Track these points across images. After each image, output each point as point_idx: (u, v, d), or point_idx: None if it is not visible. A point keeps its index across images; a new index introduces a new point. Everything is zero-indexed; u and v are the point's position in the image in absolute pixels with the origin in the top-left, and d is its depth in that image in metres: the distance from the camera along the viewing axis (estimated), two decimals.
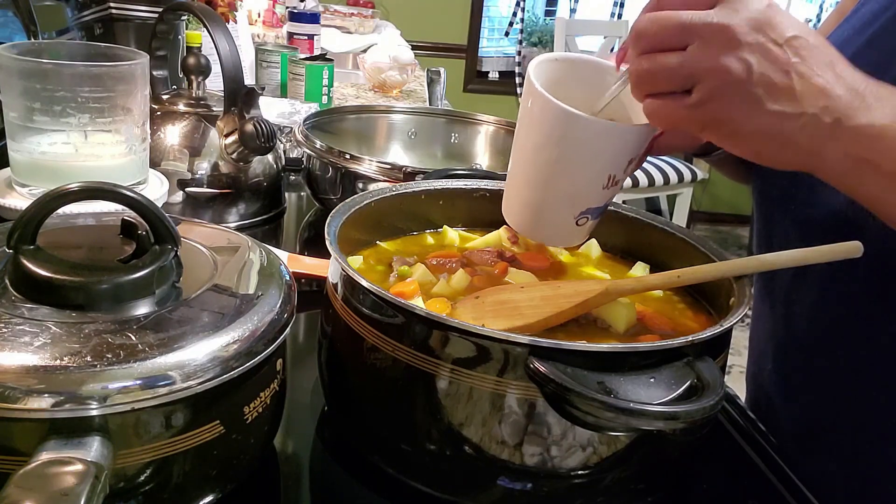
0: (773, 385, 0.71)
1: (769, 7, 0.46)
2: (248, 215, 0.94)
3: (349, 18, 2.68)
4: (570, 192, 0.56)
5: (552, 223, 0.59)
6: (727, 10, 0.46)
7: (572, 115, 0.52)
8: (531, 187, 0.57)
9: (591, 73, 0.58)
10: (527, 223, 0.60)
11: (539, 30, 4.23)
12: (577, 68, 0.58)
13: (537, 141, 0.55)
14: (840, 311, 0.63)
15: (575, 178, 0.55)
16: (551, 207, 0.57)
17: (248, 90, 0.88)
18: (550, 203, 0.57)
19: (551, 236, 0.61)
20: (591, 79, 0.58)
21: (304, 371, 0.64)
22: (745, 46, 0.45)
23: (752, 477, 0.59)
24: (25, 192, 0.72)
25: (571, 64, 0.58)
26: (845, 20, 0.68)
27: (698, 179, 3.36)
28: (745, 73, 0.45)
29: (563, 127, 0.53)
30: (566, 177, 0.55)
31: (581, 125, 0.52)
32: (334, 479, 0.54)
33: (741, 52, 0.45)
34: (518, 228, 0.61)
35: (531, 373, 0.43)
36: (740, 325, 0.50)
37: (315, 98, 1.49)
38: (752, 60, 0.45)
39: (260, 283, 0.50)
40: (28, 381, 0.37)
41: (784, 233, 0.67)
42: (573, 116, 0.52)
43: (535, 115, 0.55)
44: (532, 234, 0.61)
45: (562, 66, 0.58)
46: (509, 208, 0.61)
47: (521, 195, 0.59)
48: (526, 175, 0.57)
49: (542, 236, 0.62)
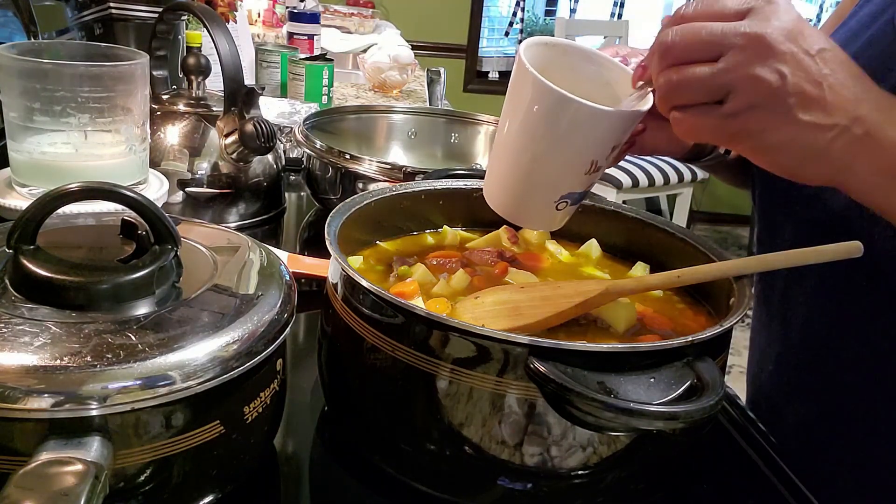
0: (773, 387, 0.71)
1: (799, 19, 0.46)
2: (248, 215, 0.94)
3: (349, 18, 2.68)
4: (553, 175, 0.56)
5: (532, 205, 0.59)
6: (759, 21, 0.45)
7: (562, 96, 0.52)
8: (514, 168, 0.57)
9: (581, 62, 0.58)
10: (507, 204, 0.60)
11: (539, 30, 4.23)
12: (568, 55, 0.58)
13: (524, 121, 0.55)
14: (838, 314, 0.63)
15: (559, 161, 0.56)
16: (533, 189, 0.58)
17: (248, 90, 0.88)
18: (533, 184, 0.57)
19: (530, 219, 0.62)
20: (580, 67, 0.58)
21: (304, 371, 0.64)
22: (779, 56, 0.45)
23: (752, 477, 0.59)
24: (25, 192, 0.72)
25: (563, 51, 0.58)
26: (843, 23, 0.68)
27: (698, 179, 3.36)
28: (780, 83, 0.45)
29: (552, 108, 0.53)
30: (551, 159, 0.56)
31: (571, 107, 0.52)
32: (334, 479, 0.54)
33: (775, 62, 0.45)
34: (497, 209, 0.61)
35: (531, 373, 0.43)
36: (740, 325, 0.50)
37: (315, 98, 1.49)
38: (786, 70, 0.45)
39: (260, 283, 0.50)
40: (28, 381, 0.37)
41: (786, 236, 0.67)
42: (563, 98, 0.52)
43: (523, 96, 0.54)
44: (511, 215, 0.61)
45: (552, 52, 0.58)
46: (491, 188, 0.61)
47: (503, 175, 0.59)
48: (510, 156, 0.57)
49: (521, 218, 0.62)
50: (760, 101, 0.46)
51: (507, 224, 0.70)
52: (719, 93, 0.47)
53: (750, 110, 0.46)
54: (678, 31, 0.47)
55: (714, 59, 0.46)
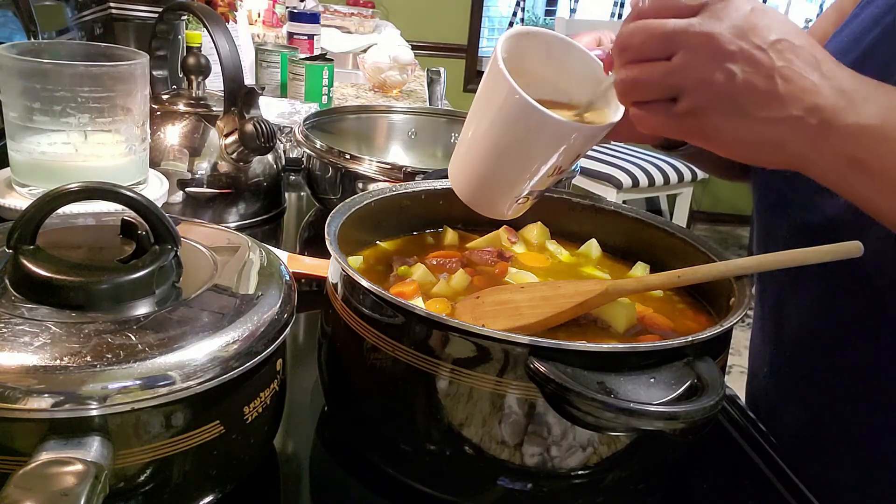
0: (770, 386, 0.72)
1: (752, 12, 0.46)
2: (248, 215, 0.94)
3: (349, 18, 2.68)
4: (517, 177, 0.58)
5: (493, 197, 0.60)
6: (710, 18, 0.45)
7: (532, 107, 0.52)
8: (481, 163, 0.58)
9: (562, 53, 0.58)
10: (468, 191, 0.61)
11: None
12: (549, 45, 0.59)
13: (495, 121, 0.55)
14: (832, 315, 0.63)
15: (524, 165, 0.57)
16: (496, 184, 0.59)
17: (248, 90, 0.88)
18: (497, 180, 0.59)
19: (488, 208, 0.62)
20: (561, 57, 0.58)
21: (304, 371, 0.64)
22: (728, 55, 0.45)
23: (752, 477, 0.59)
24: (25, 192, 0.72)
25: (544, 41, 0.59)
26: (845, 24, 0.67)
27: (698, 179, 3.35)
28: (730, 84, 0.45)
29: (521, 116, 0.53)
30: (516, 163, 0.57)
31: (539, 118, 0.52)
32: (334, 479, 0.54)
33: (725, 62, 0.45)
34: (458, 192, 0.62)
35: (531, 373, 0.43)
36: (740, 325, 0.50)
37: (315, 98, 1.49)
38: (736, 69, 0.45)
39: (260, 283, 0.50)
40: (28, 381, 0.37)
41: (782, 237, 0.67)
42: (532, 109, 0.52)
43: (495, 97, 0.55)
44: (470, 201, 0.62)
45: (533, 42, 0.58)
46: (455, 170, 0.61)
47: (470, 164, 0.60)
48: (478, 150, 0.58)
49: (480, 206, 0.62)
50: (711, 102, 0.46)
51: (507, 224, 0.70)
52: (672, 92, 0.47)
53: (702, 110, 0.47)
54: (636, 27, 0.48)
55: (668, 56, 0.46)
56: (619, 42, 0.49)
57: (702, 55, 0.45)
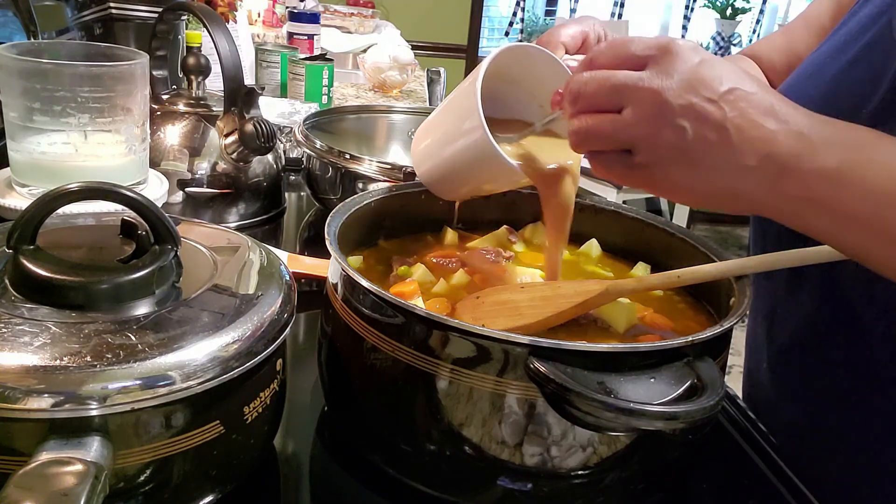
0: (768, 382, 0.72)
1: (700, 63, 0.45)
2: (248, 215, 0.94)
3: (349, 18, 2.68)
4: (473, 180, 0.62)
5: (447, 185, 0.64)
6: (658, 73, 0.45)
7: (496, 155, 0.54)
8: (441, 157, 0.61)
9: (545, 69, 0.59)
10: (426, 172, 0.64)
11: (539, 30, 4.22)
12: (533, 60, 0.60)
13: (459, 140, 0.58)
14: (827, 312, 0.63)
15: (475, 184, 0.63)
16: (453, 177, 0.62)
17: (248, 90, 0.88)
18: (454, 175, 0.62)
19: (442, 191, 0.65)
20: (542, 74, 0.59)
21: (304, 371, 0.64)
22: (677, 111, 0.44)
23: (752, 477, 0.59)
24: (25, 192, 0.72)
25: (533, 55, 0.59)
26: (842, 23, 0.67)
27: None
28: (681, 139, 0.44)
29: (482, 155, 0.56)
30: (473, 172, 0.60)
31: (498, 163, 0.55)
32: (334, 479, 0.54)
33: (675, 118, 0.44)
34: (416, 170, 0.65)
35: (531, 373, 0.43)
36: (740, 324, 0.50)
37: (315, 98, 1.49)
38: (686, 125, 0.44)
39: (260, 283, 0.50)
40: (28, 381, 0.37)
41: (777, 237, 0.67)
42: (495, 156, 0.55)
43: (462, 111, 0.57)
44: (426, 182, 0.65)
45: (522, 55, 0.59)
46: (418, 149, 0.65)
47: (430, 152, 0.63)
48: (441, 144, 0.61)
49: (434, 188, 0.65)
50: (664, 157, 0.46)
51: (507, 224, 0.70)
52: (624, 145, 0.47)
53: (655, 164, 0.46)
54: (586, 78, 0.47)
55: (619, 109, 0.46)
56: (571, 90, 0.48)
57: (651, 111, 0.45)
